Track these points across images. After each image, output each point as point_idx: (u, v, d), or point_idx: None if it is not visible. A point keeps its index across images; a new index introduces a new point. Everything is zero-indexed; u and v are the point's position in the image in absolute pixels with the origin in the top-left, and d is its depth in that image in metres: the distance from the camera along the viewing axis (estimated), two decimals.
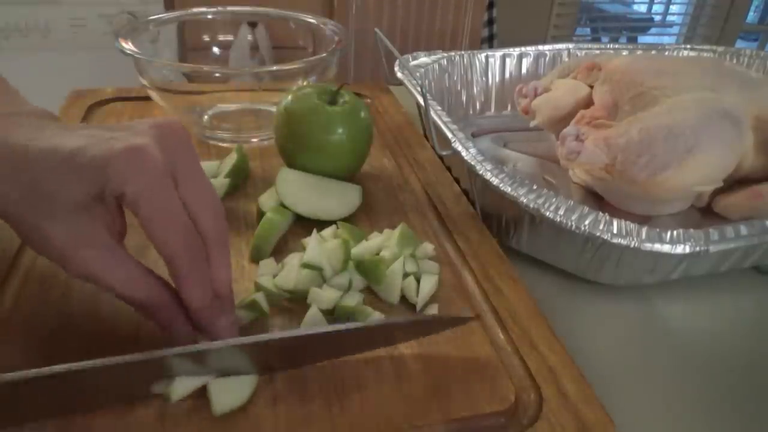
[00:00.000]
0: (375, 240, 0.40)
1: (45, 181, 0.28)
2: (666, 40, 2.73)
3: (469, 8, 1.73)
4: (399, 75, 0.62)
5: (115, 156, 0.28)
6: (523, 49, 0.73)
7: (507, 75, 0.72)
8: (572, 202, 0.41)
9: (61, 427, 0.29)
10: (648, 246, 0.38)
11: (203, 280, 0.30)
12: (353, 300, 0.37)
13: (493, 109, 0.72)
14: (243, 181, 0.50)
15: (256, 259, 0.40)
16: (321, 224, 0.42)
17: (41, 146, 0.28)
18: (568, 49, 0.74)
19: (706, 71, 0.55)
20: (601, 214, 0.40)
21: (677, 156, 0.47)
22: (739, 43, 2.74)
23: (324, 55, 0.54)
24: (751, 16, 2.70)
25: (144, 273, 0.30)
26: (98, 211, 0.30)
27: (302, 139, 0.46)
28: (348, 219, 0.44)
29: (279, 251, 0.41)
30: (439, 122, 0.51)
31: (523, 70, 0.73)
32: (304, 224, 0.43)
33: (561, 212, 0.40)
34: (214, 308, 0.31)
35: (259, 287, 0.37)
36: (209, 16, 0.64)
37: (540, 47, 0.73)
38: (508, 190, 0.42)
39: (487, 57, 0.71)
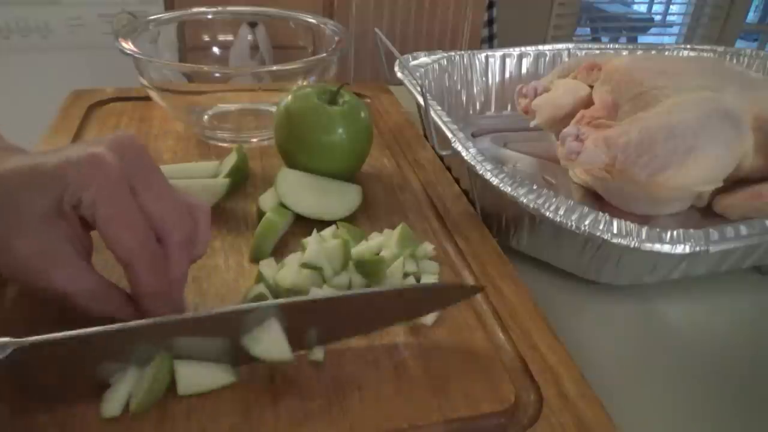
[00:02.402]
0: (375, 240, 0.40)
1: (8, 197, 0.29)
2: (666, 40, 2.73)
3: (469, 8, 1.73)
4: (399, 75, 0.62)
5: (71, 164, 0.29)
6: (523, 49, 0.73)
7: (507, 75, 0.72)
8: (572, 202, 0.41)
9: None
10: (648, 246, 0.38)
11: (154, 277, 0.31)
12: None
13: (493, 109, 0.72)
14: (243, 181, 0.50)
15: (256, 259, 0.40)
16: (321, 224, 0.42)
17: (8, 164, 0.30)
18: (568, 49, 0.74)
19: (706, 71, 0.55)
20: (601, 214, 0.40)
21: (677, 156, 0.47)
22: (739, 43, 2.73)
23: (324, 55, 0.54)
24: (751, 16, 2.69)
25: (108, 286, 0.31)
26: (62, 227, 0.30)
27: (302, 139, 0.46)
28: (348, 219, 0.44)
29: (279, 251, 0.41)
30: (439, 122, 0.51)
31: (523, 70, 0.73)
32: (304, 224, 0.43)
33: (561, 212, 0.40)
34: (162, 302, 0.31)
35: (260, 279, 0.37)
36: (209, 16, 0.64)
37: (540, 47, 0.73)
38: (508, 190, 0.42)
39: (487, 57, 0.71)
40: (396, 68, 0.62)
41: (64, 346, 0.28)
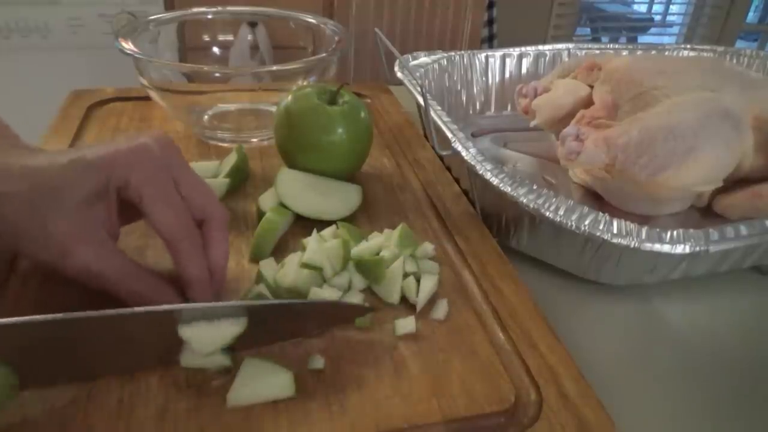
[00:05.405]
0: (375, 240, 0.40)
1: (51, 180, 0.31)
2: (666, 40, 2.73)
3: (469, 8, 1.73)
4: (399, 75, 0.62)
5: (121, 151, 0.33)
6: (523, 49, 0.73)
7: (507, 75, 0.72)
8: (572, 202, 0.41)
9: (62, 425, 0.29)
10: (648, 246, 0.38)
11: (200, 258, 0.34)
12: (353, 300, 0.37)
13: (493, 109, 0.72)
14: (243, 181, 0.50)
15: (256, 259, 0.40)
16: (321, 224, 0.42)
17: (42, 158, 0.32)
18: (568, 49, 0.74)
19: (706, 71, 0.55)
20: (601, 214, 0.40)
21: (677, 156, 0.47)
22: (739, 43, 2.73)
23: (324, 55, 0.54)
24: (751, 16, 2.69)
25: (137, 266, 0.33)
26: (98, 209, 0.32)
27: (302, 139, 0.46)
28: (348, 219, 0.44)
29: (279, 251, 0.41)
30: (439, 122, 0.51)
31: (523, 70, 0.73)
32: (304, 224, 0.43)
33: (561, 212, 0.40)
34: (209, 287, 0.34)
35: (260, 279, 0.37)
36: (209, 16, 0.64)
37: (540, 47, 0.73)
38: (508, 190, 0.42)
39: (487, 57, 0.71)
40: (396, 68, 0.62)
41: None
